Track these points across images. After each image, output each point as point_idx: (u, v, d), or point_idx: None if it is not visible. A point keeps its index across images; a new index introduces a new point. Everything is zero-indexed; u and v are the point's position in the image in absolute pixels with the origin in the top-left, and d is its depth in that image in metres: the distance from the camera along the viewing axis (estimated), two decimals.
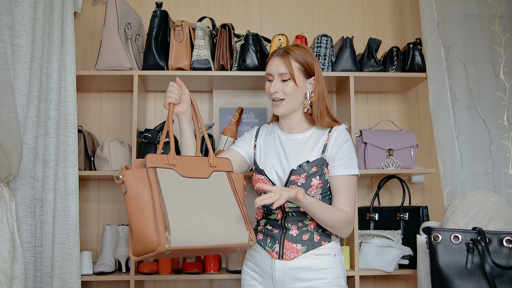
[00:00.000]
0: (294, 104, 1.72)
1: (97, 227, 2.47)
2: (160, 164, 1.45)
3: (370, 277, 2.54)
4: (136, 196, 1.38)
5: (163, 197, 1.39)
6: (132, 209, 1.38)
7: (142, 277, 2.18)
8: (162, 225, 1.35)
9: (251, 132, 1.88)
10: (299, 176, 1.65)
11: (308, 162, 1.66)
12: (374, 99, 2.65)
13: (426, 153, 2.63)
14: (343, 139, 1.70)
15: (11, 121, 1.51)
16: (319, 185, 1.66)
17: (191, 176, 1.51)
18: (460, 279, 1.84)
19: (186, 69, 2.24)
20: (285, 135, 1.78)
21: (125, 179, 1.39)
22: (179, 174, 1.48)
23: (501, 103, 2.31)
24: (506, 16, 2.37)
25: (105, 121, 2.54)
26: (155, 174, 1.42)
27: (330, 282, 1.65)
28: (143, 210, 1.37)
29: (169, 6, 2.61)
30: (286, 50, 1.71)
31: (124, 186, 1.39)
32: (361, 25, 2.70)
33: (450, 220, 2.03)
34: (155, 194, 1.39)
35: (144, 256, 1.37)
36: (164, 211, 1.37)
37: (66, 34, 2.08)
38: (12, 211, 1.63)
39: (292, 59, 1.69)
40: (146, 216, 1.36)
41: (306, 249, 1.66)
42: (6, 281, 1.54)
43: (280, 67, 1.69)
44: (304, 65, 1.70)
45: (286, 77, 1.68)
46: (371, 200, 2.53)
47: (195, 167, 1.54)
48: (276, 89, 1.69)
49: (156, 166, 1.44)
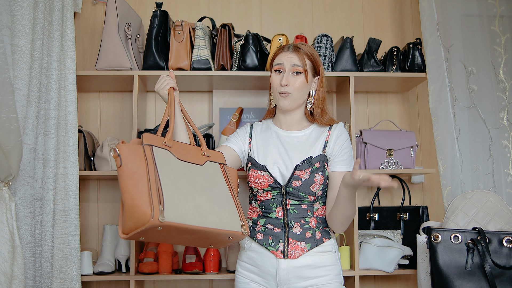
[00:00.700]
0: (299, 100, 1.74)
1: (97, 227, 2.47)
2: (157, 144, 1.46)
3: (370, 277, 2.54)
4: (131, 170, 1.38)
5: (158, 173, 1.39)
6: (126, 182, 1.37)
7: (142, 277, 2.18)
8: (156, 198, 1.34)
9: (244, 129, 1.87)
10: (303, 172, 1.66)
11: (311, 158, 1.68)
12: (374, 99, 2.65)
13: (426, 153, 2.63)
14: (344, 137, 1.74)
15: (11, 121, 1.51)
16: (321, 181, 1.67)
17: (186, 160, 1.52)
18: (460, 279, 1.84)
19: (186, 69, 2.24)
20: (285, 132, 1.78)
21: (121, 152, 1.38)
22: (174, 156, 1.49)
23: (501, 103, 2.31)
24: (506, 16, 2.37)
25: (105, 121, 2.54)
26: (151, 151, 1.43)
27: (333, 279, 1.67)
28: (137, 184, 1.36)
29: (169, 6, 2.61)
30: (299, 46, 1.74)
31: (119, 159, 1.38)
32: (361, 25, 2.70)
33: (450, 220, 2.02)
34: (150, 169, 1.38)
35: (135, 232, 1.34)
36: (159, 185, 1.37)
37: (66, 34, 2.08)
38: (12, 211, 1.63)
39: (305, 55, 1.72)
40: (140, 189, 1.35)
41: (310, 246, 1.66)
42: (6, 281, 1.54)
43: (294, 59, 1.71)
44: (314, 62, 1.74)
45: (300, 69, 1.70)
46: (371, 200, 2.53)
47: (190, 153, 1.55)
48: (287, 82, 1.70)
49: (153, 145, 1.45)
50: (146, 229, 1.32)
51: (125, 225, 1.36)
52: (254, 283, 1.72)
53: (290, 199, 1.68)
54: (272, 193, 1.71)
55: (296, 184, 1.66)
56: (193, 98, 2.58)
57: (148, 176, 1.37)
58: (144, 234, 1.36)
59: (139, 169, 1.38)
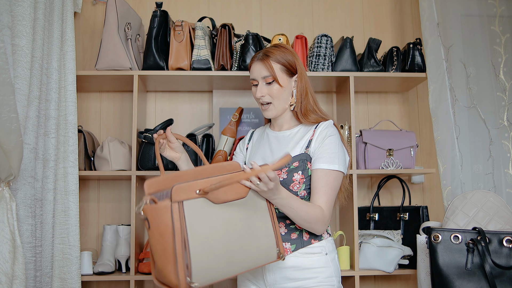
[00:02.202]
0: (282, 105, 1.72)
1: (97, 227, 2.47)
2: (189, 195, 1.28)
3: (370, 277, 2.54)
4: (159, 234, 1.26)
5: (187, 238, 1.25)
6: (155, 246, 1.28)
7: (142, 277, 2.18)
8: (183, 271, 1.24)
9: (245, 138, 1.91)
10: (280, 172, 1.64)
11: None
12: (374, 99, 2.65)
13: (426, 153, 2.63)
14: (326, 134, 1.66)
15: (12, 121, 1.51)
16: (301, 180, 1.63)
17: (226, 200, 1.35)
18: (460, 279, 1.84)
19: (186, 69, 2.24)
20: (274, 133, 1.78)
21: (148, 215, 1.27)
22: (211, 202, 1.32)
23: (501, 103, 2.31)
24: (506, 16, 2.37)
25: (105, 121, 2.54)
26: (182, 210, 1.26)
27: (321, 281, 1.62)
28: (165, 251, 1.26)
29: (169, 6, 2.61)
30: (265, 53, 1.70)
31: (147, 222, 1.28)
32: (361, 25, 2.70)
33: (450, 220, 2.03)
34: (177, 235, 1.24)
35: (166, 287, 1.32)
36: (187, 255, 1.25)
37: (66, 34, 2.08)
38: (13, 211, 1.63)
39: (272, 61, 1.68)
40: (167, 257, 1.25)
41: (295, 247, 1.64)
42: (7, 281, 1.54)
43: (262, 70, 1.68)
44: (286, 64, 1.69)
45: (269, 79, 1.68)
46: (371, 200, 2.53)
47: (230, 187, 1.36)
48: (262, 93, 1.69)
49: (184, 200, 1.27)
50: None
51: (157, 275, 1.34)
52: (249, 281, 1.74)
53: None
54: None
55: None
56: (193, 98, 2.58)
57: (175, 246, 1.24)
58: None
59: (166, 233, 1.25)
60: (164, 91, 2.56)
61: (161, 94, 2.57)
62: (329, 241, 1.70)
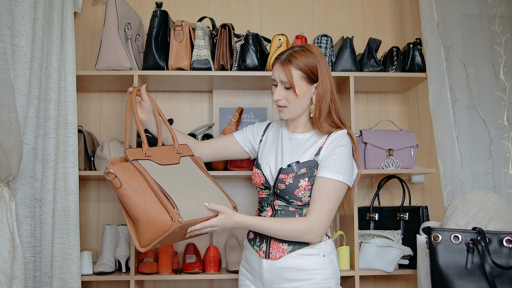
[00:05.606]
0: (297, 110, 1.70)
1: (97, 227, 2.47)
2: (139, 156, 1.55)
3: (370, 277, 2.54)
4: (132, 186, 1.45)
5: (156, 181, 1.48)
6: (132, 199, 1.44)
7: (142, 277, 2.18)
8: (169, 203, 1.43)
9: (261, 126, 1.89)
10: (287, 176, 1.64)
11: (298, 163, 1.64)
12: (374, 99, 2.65)
13: (426, 153, 2.63)
14: (337, 144, 1.65)
15: (11, 121, 1.51)
16: (307, 187, 1.63)
17: (166, 163, 1.61)
18: (460, 279, 1.84)
19: (186, 69, 2.24)
20: (288, 133, 1.78)
21: (117, 173, 1.46)
22: (156, 163, 1.58)
23: (501, 103, 2.31)
24: (506, 16, 2.37)
25: (105, 121, 2.54)
26: (140, 165, 1.52)
27: (318, 283, 1.62)
28: (144, 197, 1.44)
29: (169, 6, 2.61)
30: (288, 57, 1.65)
31: (118, 180, 1.45)
32: (361, 25, 2.70)
33: (450, 220, 2.03)
34: (149, 180, 1.47)
35: (156, 241, 1.42)
36: (164, 192, 1.46)
37: (66, 34, 2.07)
38: (12, 211, 1.63)
39: (293, 67, 1.64)
40: (149, 201, 1.44)
41: (292, 248, 1.64)
42: (6, 281, 1.54)
43: (282, 75, 1.66)
44: (307, 71, 1.65)
45: (287, 85, 1.66)
46: (371, 200, 2.53)
47: (165, 155, 1.64)
48: (279, 97, 1.68)
49: (137, 158, 1.54)
50: (168, 235, 1.41)
51: (143, 238, 1.44)
52: (248, 280, 1.75)
53: (279, 200, 1.68)
54: (265, 192, 1.73)
55: (281, 187, 1.65)
56: (193, 98, 2.58)
57: (152, 187, 1.46)
58: (163, 240, 1.45)
59: (140, 183, 1.47)
60: (164, 91, 2.56)
61: (161, 94, 2.57)
62: (328, 242, 1.69)
